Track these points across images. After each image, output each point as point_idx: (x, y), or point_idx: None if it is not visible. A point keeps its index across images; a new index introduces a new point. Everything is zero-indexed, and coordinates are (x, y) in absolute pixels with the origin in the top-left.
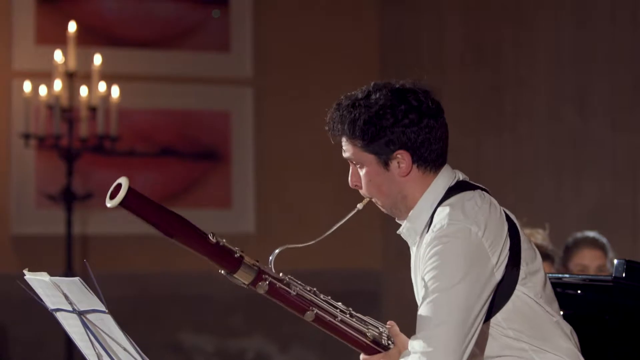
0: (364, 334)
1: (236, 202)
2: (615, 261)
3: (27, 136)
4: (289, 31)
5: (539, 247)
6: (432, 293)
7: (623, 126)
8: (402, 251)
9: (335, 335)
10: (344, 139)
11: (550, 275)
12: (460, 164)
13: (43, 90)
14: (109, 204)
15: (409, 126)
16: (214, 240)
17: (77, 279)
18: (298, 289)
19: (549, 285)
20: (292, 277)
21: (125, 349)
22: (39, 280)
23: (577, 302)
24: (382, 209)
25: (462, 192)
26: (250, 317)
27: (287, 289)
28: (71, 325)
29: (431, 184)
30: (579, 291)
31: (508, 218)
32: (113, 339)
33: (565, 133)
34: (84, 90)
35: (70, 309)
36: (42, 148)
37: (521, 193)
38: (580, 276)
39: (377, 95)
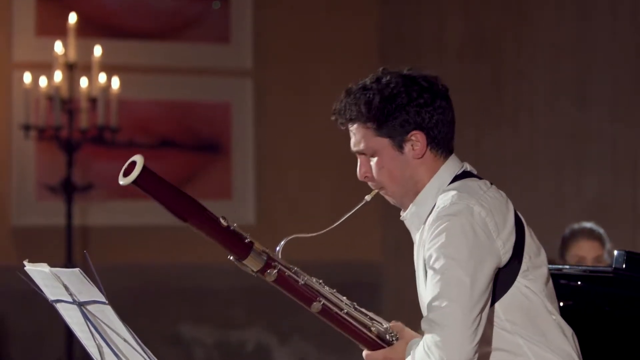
0: (368, 328)
1: (236, 194)
2: (616, 252)
3: (27, 127)
4: (289, 23)
5: None
6: (440, 271)
7: (623, 119)
8: (402, 243)
9: (339, 329)
10: (355, 125)
11: (550, 266)
12: (459, 156)
13: (43, 81)
14: (122, 181)
15: (423, 106)
16: (225, 224)
17: (77, 270)
18: (306, 279)
19: (550, 284)
20: (298, 269)
21: (125, 340)
22: (39, 272)
23: (577, 294)
24: (391, 200)
25: (468, 178)
26: (250, 309)
27: (295, 277)
28: (71, 317)
29: (439, 169)
30: (579, 282)
31: (516, 212)
32: (113, 330)
33: (565, 126)
34: (84, 82)
35: (71, 300)
36: (42, 139)
37: (521, 186)
38: (580, 267)
39: (388, 78)
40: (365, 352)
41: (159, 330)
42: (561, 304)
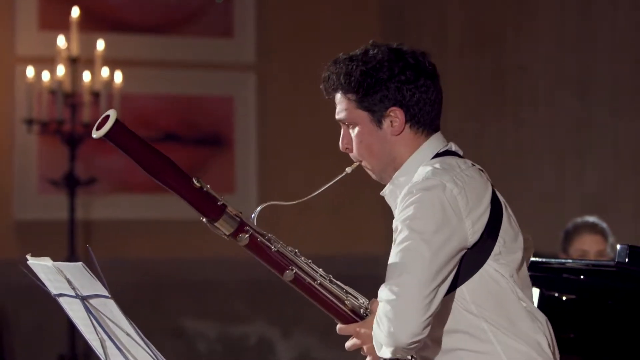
0: (342, 302)
1: (239, 187)
2: (618, 246)
3: (29, 121)
4: (292, 17)
5: None
6: (403, 242)
7: (624, 111)
8: None
9: (312, 300)
10: (338, 95)
11: (553, 260)
12: (461, 148)
13: (46, 75)
14: (95, 134)
15: (405, 83)
16: (197, 185)
17: (80, 264)
18: (279, 246)
19: (525, 271)
20: (274, 237)
21: (128, 334)
22: (41, 266)
23: (580, 288)
24: (372, 174)
25: (449, 156)
26: (252, 303)
27: (268, 244)
28: (74, 311)
29: (420, 146)
30: (582, 276)
31: (494, 192)
32: (116, 324)
33: (567, 118)
34: (86, 76)
35: (73, 294)
36: (44, 133)
37: (522, 178)
38: (583, 261)
39: (375, 51)
40: (338, 326)
41: (161, 323)
42: (564, 298)
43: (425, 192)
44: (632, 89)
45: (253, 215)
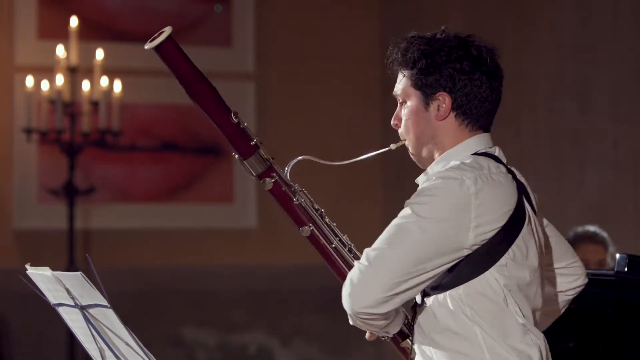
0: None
1: (238, 197)
2: (618, 255)
3: (29, 131)
4: (290, 26)
5: None
6: (400, 219)
7: (624, 119)
8: None
9: (325, 260)
10: (397, 71)
11: None
12: None
13: (45, 84)
14: (147, 45)
15: (459, 72)
16: (235, 120)
17: (79, 273)
18: (303, 200)
19: (537, 292)
20: (305, 192)
21: (127, 344)
22: (41, 275)
23: (579, 297)
24: (412, 155)
25: (485, 157)
26: (252, 312)
27: (291, 195)
28: (73, 320)
29: (463, 142)
30: None
31: (521, 204)
32: (115, 334)
33: (567, 126)
34: (86, 85)
35: (72, 303)
36: (44, 142)
37: None
38: None
39: (443, 36)
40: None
41: (161, 333)
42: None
43: (442, 182)
44: (632, 97)
45: (287, 168)
